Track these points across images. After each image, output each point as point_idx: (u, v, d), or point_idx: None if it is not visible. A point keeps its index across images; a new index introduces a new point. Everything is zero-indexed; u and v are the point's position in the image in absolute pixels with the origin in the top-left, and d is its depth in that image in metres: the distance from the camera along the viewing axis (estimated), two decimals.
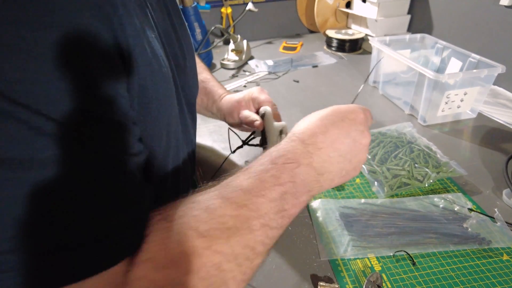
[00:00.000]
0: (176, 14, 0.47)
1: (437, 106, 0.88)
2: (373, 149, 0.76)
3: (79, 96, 0.24)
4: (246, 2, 1.49)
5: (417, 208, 0.63)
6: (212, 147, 0.84)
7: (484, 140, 0.84)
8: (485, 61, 0.87)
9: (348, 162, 0.41)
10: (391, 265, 0.54)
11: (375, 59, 1.07)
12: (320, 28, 1.55)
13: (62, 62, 0.23)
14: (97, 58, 0.25)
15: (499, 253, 0.55)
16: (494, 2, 1.03)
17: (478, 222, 0.59)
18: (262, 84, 1.16)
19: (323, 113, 0.42)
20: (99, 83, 0.26)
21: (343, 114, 0.41)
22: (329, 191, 0.68)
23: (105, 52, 0.26)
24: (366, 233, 0.58)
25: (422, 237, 0.57)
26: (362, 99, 1.04)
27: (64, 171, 0.24)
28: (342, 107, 0.43)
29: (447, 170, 0.70)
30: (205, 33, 1.27)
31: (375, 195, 0.67)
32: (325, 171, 0.39)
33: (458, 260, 0.54)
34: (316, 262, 0.55)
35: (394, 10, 1.34)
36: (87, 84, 0.25)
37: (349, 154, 0.41)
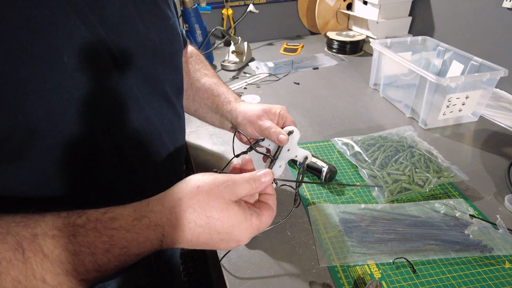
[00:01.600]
0: (145, 2, 0.45)
1: (438, 110, 0.87)
2: (374, 153, 0.76)
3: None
4: (247, 4, 1.49)
5: (417, 213, 0.62)
6: (211, 150, 0.84)
7: (486, 144, 0.83)
8: (487, 64, 0.86)
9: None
10: (391, 272, 0.53)
11: (376, 61, 1.07)
12: (321, 29, 1.54)
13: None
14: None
15: (501, 260, 0.54)
16: (496, 4, 1.02)
17: (480, 229, 0.58)
18: (262, 86, 1.15)
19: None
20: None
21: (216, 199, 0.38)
22: (328, 196, 0.67)
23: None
24: (366, 239, 0.58)
25: (423, 243, 0.57)
26: (363, 102, 1.04)
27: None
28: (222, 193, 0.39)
29: (448, 175, 0.69)
30: (205, 35, 1.26)
31: (375, 200, 0.66)
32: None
33: (459, 268, 0.53)
34: (315, 268, 0.54)
35: (396, 12, 1.33)
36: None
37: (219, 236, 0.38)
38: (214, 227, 0.36)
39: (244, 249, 0.57)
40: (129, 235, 0.34)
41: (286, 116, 0.59)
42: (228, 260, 0.56)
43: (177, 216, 0.36)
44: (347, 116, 0.96)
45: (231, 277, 0.53)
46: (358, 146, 0.78)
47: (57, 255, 0.31)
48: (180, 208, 0.36)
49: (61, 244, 0.31)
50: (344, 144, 0.80)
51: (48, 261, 0.30)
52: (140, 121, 0.46)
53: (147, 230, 0.35)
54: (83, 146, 0.40)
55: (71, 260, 0.31)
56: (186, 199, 0.36)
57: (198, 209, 0.36)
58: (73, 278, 0.32)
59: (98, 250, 0.33)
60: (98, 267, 0.33)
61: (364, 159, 0.74)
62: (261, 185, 0.40)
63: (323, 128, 0.90)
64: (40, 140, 0.35)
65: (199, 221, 0.36)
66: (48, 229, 0.31)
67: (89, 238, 0.32)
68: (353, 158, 0.75)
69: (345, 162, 0.77)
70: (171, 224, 0.35)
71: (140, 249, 0.35)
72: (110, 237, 0.33)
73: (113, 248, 0.33)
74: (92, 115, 0.39)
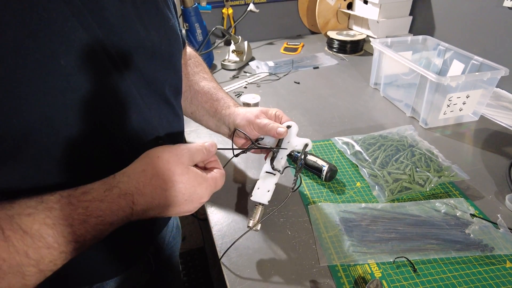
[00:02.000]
0: (145, 3, 0.45)
1: (439, 109, 0.87)
2: (374, 152, 0.75)
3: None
4: (247, 3, 1.49)
5: (418, 213, 0.62)
6: None
7: (486, 143, 0.83)
8: (488, 63, 0.86)
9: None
10: (391, 271, 0.53)
11: (377, 60, 1.06)
12: (322, 29, 1.54)
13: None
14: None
15: (502, 260, 0.54)
16: (497, 4, 1.02)
17: (481, 228, 0.58)
18: (262, 85, 1.15)
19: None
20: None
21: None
22: (329, 195, 0.67)
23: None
24: (367, 238, 0.57)
25: (423, 243, 0.57)
26: (363, 102, 1.03)
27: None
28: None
29: (449, 175, 0.69)
30: (206, 34, 1.26)
31: (376, 200, 0.66)
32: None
33: (460, 267, 0.53)
34: (316, 267, 0.54)
35: (396, 11, 1.33)
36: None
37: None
38: (179, 189, 0.40)
39: (245, 248, 0.57)
40: (102, 205, 0.36)
41: (282, 116, 0.61)
42: (228, 259, 0.55)
43: (144, 185, 0.38)
44: (348, 116, 0.96)
45: (232, 276, 0.53)
46: (358, 146, 0.78)
47: (36, 229, 0.32)
48: (145, 177, 0.39)
49: (38, 220, 0.32)
50: (345, 144, 0.80)
51: (28, 236, 0.32)
52: (139, 122, 0.46)
53: (118, 199, 0.37)
54: (81, 147, 0.40)
55: (51, 233, 0.33)
56: (150, 169, 0.39)
57: (161, 176, 0.39)
58: (54, 250, 0.33)
59: (75, 221, 0.34)
60: (76, 238, 0.34)
61: (364, 158, 0.74)
62: (210, 153, 0.46)
63: (323, 128, 0.90)
64: (36, 142, 0.36)
65: (164, 186, 0.39)
66: (23, 209, 0.33)
67: (65, 212, 0.34)
68: (354, 157, 0.75)
69: (346, 161, 0.77)
70: (140, 192, 0.38)
71: (114, 218, 0.37)
72: (85, 208, 0.35)
73: (89, 218, 0.35)
74: (90, 117, 0.39)
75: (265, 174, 0.57)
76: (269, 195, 0.55)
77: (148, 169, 0.39)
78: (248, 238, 0.59)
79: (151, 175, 0.39)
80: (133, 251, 0.58)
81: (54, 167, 0.39)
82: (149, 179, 0.39)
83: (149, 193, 0.39)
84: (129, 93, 0.43)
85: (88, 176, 0.41)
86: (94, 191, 0.37)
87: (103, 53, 0.39)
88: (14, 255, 0.31)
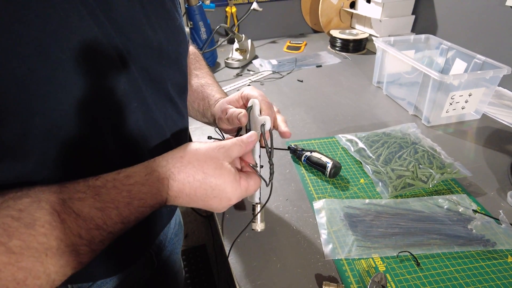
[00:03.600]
0: (152, 3, 0.46)
1: (441, 107, 0.88)
2: (378, 149, 0.76)
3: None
4: (250, 2, 1.49)
5: (421, 209, 0.63)
6: None
7: (488, 141, 0.84)
8: (490, 62, 0.87)
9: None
10: (395, 265, 0.54)
11: (379, 59, 1.07)
12: (324, 28, 1.55)
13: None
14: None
15: (503, 255, 0.55)
16: (500, 3, 1.03)
17: (483, 224, 0.59)
18: (266, 83, 1.16)
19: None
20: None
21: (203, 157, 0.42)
22: (333, 191, 0.68)
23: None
24: (371, 233, 0.58)
25: (426, 238, 0.58)
26: (366, 100, 1.04)
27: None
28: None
29: (451, 171, 0.70)
30: (209, 32, 1.27)
31: (379, 196, 0.67)
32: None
33: (463, 262, 0.54)
34: (321, 261, 0.55)
35: (399, 10, 1.33)
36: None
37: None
38: (209, 183, 0.40)
39: (251, 243, 0.58)
40: (144, 188, 0.38)
41: (249, 95, 0.54)
42: (235, 254, 0.57)
43: (179, 170, 0.40)
44: (351, 114, 0.97)
45: (238, 270, 0.54)
46: (362, 143, 0.79)
47: (87, 212, 0.35)
48: (181, 164, 0.40)
49: (88, 204, 0.35)
50: (348, 141, 0.81)
51: (80, 219, 0.34)
52: (147, 121, 0.46)
53: (157, 182, 0.39)
54: (91, 144, 0.41)
55: (100, 216, 0.35)
56: (187, 157, 0.41)
57: (196, 165, 0.40)
58: (103, 231, 0.36)
59: (120, 204, 0.37)
60: (122, 219, 0.37)
61: (368, 155, 0.75)
62: (249, 144, 0.45)
63: (327, 125, 0.91)
64: (53, 140, 0.37)
65: (197, 176, 0.40)
66: (73, 193, 0.35)
67: (111, 195, 0.36)
68: (357, 154, 0.76)
69: (349, 158, 0.78)
70: (174, 177, 0.39)
71: (153, 201, 0.39)
72: (128, 191, 0.37)
73: (133, 201, 0.37)
74: (102, 114, 0.40)
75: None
76: (257, 193, 0.49)
77: (185, 156, 0.41)
78: (254, 234, 0.60)
79: (187, 162, 0.40)
80: (135, 248, 0.58)
81: (63, 164, 0.40)
82: (184, 166, 0.40)
83: (181, 179, 0.40)
84: (138, 92, 0.44)
85: (97, 172, 0.42)
86: (136, 174, 0.38)
87: (115, 53, 0.39)
88: (70, 236, 0.33)
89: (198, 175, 0.40)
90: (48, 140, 0.36)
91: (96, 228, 0.35)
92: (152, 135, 0.48)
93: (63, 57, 0.34)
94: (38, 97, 0.33)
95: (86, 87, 0.37)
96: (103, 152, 0.43)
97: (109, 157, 0.43)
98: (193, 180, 0.40)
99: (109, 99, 0.40)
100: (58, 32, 0.33)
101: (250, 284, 0.52)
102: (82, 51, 0.35)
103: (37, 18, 0.31)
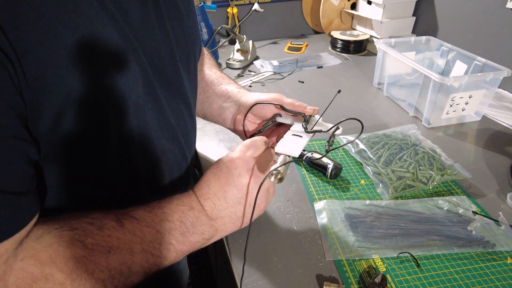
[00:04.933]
0: (167, 6, 0.47)
1: (441, 109, 0.89)
2: (378, 151, 0.77)
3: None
4: (252, 2, 1.50)
5: (421, 210, 0.63)
6: (218, 147, 0.85)
7: (488, 143, 0.84)
8: (490, 64, 0.87)
9: (237, 205, 0.45)
10: (395, 266, 0.54)
11: (380, 61, 1.08)
12: (325, 29, 1.55)
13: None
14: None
15: (503, 256, 0.55)
16: (500, 5, 1.03)
17: (483, 225, 0.60)
18: (267, 84, 1.17)
19: (212, 166, 0.47)
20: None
21: (221, 164, 0.46)
22: (334, 192, 0.69)
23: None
24: (371, 234, 0.59)
25: (426, 239, 0.58)
26: (367, 101, 1.05)
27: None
28: (223, 158, 0.47)
29: (451, 173, 0.70)
30: (211, 33, 1.27)
31: (380, 197, 0.67)
32: (217, 217, 0.45)
33: (462, 263, 0.54)
34: (322, 262, 0.55)
35: (399, 11, 1.34)
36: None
37: (234, 198, 0.45)
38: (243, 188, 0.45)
39: (252, 243, 0.59)
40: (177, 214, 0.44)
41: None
42: (236, 253, 0.57)
43: (211, 211, 0.45)
44: (352, 115, 0.97)
45: (239, 269, 0.54)
46: (362, 144, 0.79)
47: (140, 215, 0.42)
48: (209, 198, 0.46)
49: (140, 210, 0.42)
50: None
51: (135, 220, 0.41)
52: (160, 122, 0.47)
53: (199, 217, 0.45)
54: (105, 145, 0.42)
55: (149, 215, 0.42)
56: (211, 192, 0.46)
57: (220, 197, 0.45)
58: (152, 228, 0.42)
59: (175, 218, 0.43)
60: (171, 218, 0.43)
61: (368, 156, 0.76)
62: (260, 147, 0.48)
63: None
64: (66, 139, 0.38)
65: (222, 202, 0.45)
66: (129, 210, 0.42)
67: (156, 205, 0.43)
68: (358, 155, 0.77)
69: (350, 159, 0.78)
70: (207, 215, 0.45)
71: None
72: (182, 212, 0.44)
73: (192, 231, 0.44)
74: (116, 115, 0.41)
75: (290, 135, 0.52)
76: (300, 149, 0.48)
77: (210, 192, 0.45)
78: (255, 234, 0.60)
79: (213, 194, 0.45)
80: None
81: (81, 165, 0.41)
82: (212, 200, 0.45)
83: (215, 215, 0.45)
84: (154, 94, 0.45)
85: (113, 174, 0.43)
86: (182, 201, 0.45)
87: (133, 57, 0.40)
88: (126, 234, 0.39)
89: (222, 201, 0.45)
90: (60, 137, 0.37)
91: (146, 225, 0.41)
92: (165, 136, 0.49)
93: (88, 66, 0.35)
94: (67, 106, 0.35)
95: (108, 90, 0.38)
96: (121, 152, 0.43)
97: (122, 158, 0.44)
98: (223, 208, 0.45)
99: (127, 101, 0.41)
100: (84, 40, 0.34)
101: (251, 284, 0.52)
102: (105, 57, 0.36)
103: (65, 28, 0.32)
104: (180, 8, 0.49)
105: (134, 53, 0.40)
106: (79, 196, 0.43)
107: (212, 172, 0.46)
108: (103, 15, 0.35)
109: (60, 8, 0.32)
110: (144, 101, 0.43)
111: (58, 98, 0.33)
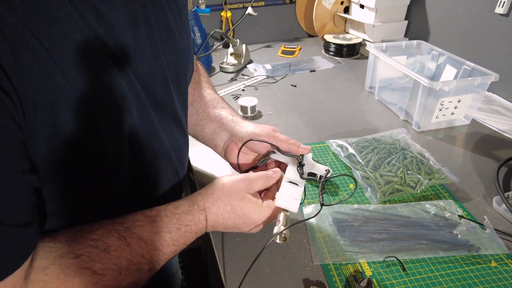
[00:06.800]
0: (159, 27, 0.47)
1: (431, 113, 0.90)
2: (367, 155, 0.78)
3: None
4: (245, 6, 1.51)
5: (409, 214, 0.64)
6: (211, 158, 0.85)
7: (477, 146, 0.85)
8: (479, 69, 0.88)
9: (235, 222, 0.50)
10: (381, 270, 0.55)
11: (371, 64, 1.09)
12: (319, 32, 1.56)
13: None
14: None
15: (487, 259, 0.56)
16: (489, 10, 1.04)
17: (468, 229, 0.61)
18: (260, 88, 1.17)
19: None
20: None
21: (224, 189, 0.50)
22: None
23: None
24: (358, 239, 0.60)
25: (413, 243, 0.59)
26: (358, 105, 1.06)
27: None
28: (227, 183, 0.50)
29: (439, 177, 0.71)
30: (204, 37, 1.28)
31: (368, 201, 0.68)
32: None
33: (447, 266, 0.55)
34: (309, 266, 0.56)
35: (392, 16, 1.35)
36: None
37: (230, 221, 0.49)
38: (236, 212, 0.48)
39: (240, 247, 0.59)
40: (189, 217, 0.46)
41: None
42: (225, 258, 0.58)
43: (212, 205, 0.48)
44: (343, 118, 0.98)
45: (228, 274, 0.55)
46: (352, 148, 0.80)
47: (148, 236, 0.42)
48: (212, 199, 0.48)
49: (147, 229, 0.42)
50: (339, 146, 0.82)
51: (142, 241, 0.42)
52: (155, 145, 0.48)
53: (199, 212, 0.47)
54: (107, 165, 0.42)
55: (157, 239, 0.43)
56: (216, 193, 0.49)
57: (224, 200, 0.48)
58: (159, 251, 0.43)
59: (172, 229, 0.44)
60: (173, 242, 0.45)
61: (357, 160, 0.77)
62: (271, 179, 0.53)
63: (318, 130, 0.92)
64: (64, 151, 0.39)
65: (226, 208, 0.48)
66: (134, 221, 0.42)
67: (164, 222, 0.44)
68: (347, 159, 0.77)
69: (340, 163, 0.79)
70: (209, 210, 0.48)
71: (196, 227, 0.47)
72: (178, 219, 0.45)
73: (181, 227, 0.45)
74: (111, 139, 0.41)
75: (287, 184, 0.54)
76: (298, 203, 0.51)
77: (214, 193, 0.49)
78: (244, 238, 0.61)
79: (217, 197, 0.48)
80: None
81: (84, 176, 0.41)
82: (215, 201, 0.48)
83: (215, 212, 0.48)
84: (147, 116, 0.45)
85: (105, 193, 0.44)
86: (182, 205, 0.47)
87: (126, 84, 0.41)
88: (135, 256, 0.41)
89: (227, 207, 0.48)
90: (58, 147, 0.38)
91: (154, 248, 0.42)
92: (157, 157, 0.49)
93: (85, 90, 0.36)
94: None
95: (103, 116, 0.39)
96: (115, 170, 0.44)
97: (117, 176, 0.45)
98: (224, 212, 0.48)
99: (121, 125, 0.41)
100: (85, 80, 0.35)
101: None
102: (100, 87, 0.37)
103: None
104: (172, 29, 0.49)
105: (127, 78, 0.40)
106: (75, 213, 0.43)
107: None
108: (97, 44, 0.36)
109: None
110: (137, 126, 0.44)
111: (51, 128, 0.34)
